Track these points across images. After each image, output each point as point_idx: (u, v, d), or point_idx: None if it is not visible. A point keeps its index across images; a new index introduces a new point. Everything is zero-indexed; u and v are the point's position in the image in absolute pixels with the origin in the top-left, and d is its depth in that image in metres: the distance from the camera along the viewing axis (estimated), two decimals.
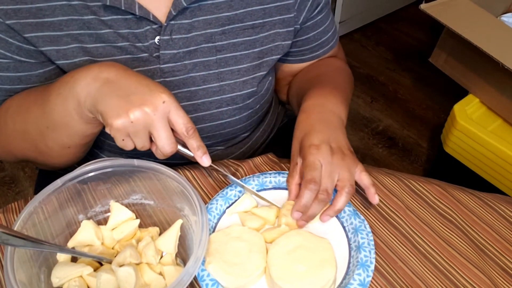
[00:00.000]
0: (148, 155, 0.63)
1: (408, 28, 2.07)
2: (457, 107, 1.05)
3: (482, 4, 0.98)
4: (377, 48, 1.98)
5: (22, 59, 0.51)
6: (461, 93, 1.09)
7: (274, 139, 0.77)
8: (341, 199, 0.47)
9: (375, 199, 0.50)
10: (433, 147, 1.52)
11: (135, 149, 0.45)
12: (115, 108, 0.41)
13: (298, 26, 0.59)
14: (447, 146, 1.09)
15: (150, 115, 0.41)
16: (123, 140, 0.43)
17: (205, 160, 0.47)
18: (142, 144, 0.44)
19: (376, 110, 1.68)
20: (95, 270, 0.43)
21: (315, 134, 0.50)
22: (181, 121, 0.43)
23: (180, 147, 0.46)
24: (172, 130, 0.44)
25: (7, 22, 0.47)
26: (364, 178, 0.50)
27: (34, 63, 0.51)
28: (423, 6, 0.96)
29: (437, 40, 1.09)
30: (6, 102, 0.53)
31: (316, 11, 0.61)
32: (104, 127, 0.46)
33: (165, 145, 0.43)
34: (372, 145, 1.55)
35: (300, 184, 0.50)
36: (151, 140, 0.45)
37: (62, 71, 0.53)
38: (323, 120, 0.52)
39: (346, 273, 0.45)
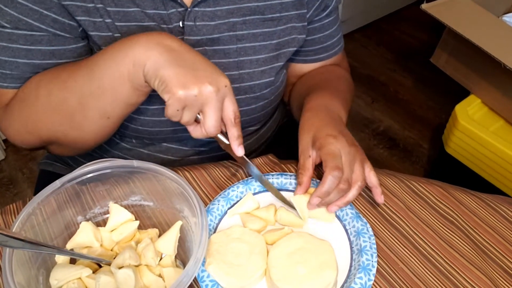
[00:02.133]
0: (147, 156, 0.63)
1: (409, 28, 2.07)
2: (458, 108, 1.04)
3: (483, 4, 0.98)
4: (378, 48, 1.97)
5: (57, 32, 0.50)
6: (463, 94, 1.09)
7: (275, 138, 0.77)
8: (353, 192, 0.48)
9: (381, 198, 0.51)
10: (434, 148, 1.51)
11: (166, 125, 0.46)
12: (182, 78, 0.42)
13: (305, 23, 0.60)
14: (448, 147, 1.09)
15: (212, 94, 0.43)
16: (177, 110, 0.43)
17: (240, 150, 0.48)
18: (189, 118, 0.45)
19: (377, 111, 1.67)
20: (94, 272, 0.43)
21: (330, 126, 0.50)
22: (233, 108, 0.45)
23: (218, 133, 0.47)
24: None
25: None
26: (372, 177, 0.50)
27: (68, 38, 0.51)
28: (424, 6, 0.95)
29: (438, 40, 1.09)
30: (34, 77, 0.51)
31: (325, 13, 0.62)
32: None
33: (212, 126, 0.45)
34: (373, 146, 1.55)
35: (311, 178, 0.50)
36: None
37: (91, 50, 0.54)
38: (329, 117, 0.53)
39: (347, 276, 0.45)
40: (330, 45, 0.66)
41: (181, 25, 0.53)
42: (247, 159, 0.50)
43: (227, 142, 0.48)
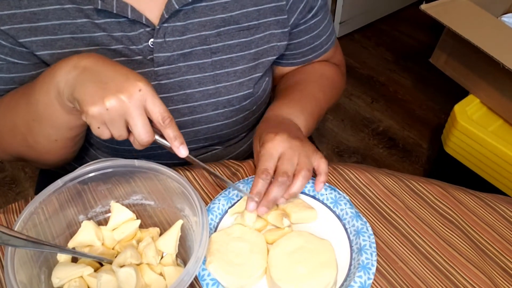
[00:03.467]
0: (146, 156, 0.63)
1: (408, 29, 2.07)
2: (457, 108, 1.05)
3: (482, 5, 0.98)
4: (378, 48, 1.98)
5: (15, 60, 0.51)
6: (462, 94, 1.09)
7: None
8: (297, 183, 0.47)
9: (319, 187, 0.50)
10: (433, 147, 1.52)
11: (127, 143, 0.44)
12: (90, 95, 0.40)
13: (289, 28, 0.59)
14: (447, 147, 1.09)
15: (125, 103, 0.40)
16: (98, 128, 0.42)
17: (182, 151, 0.44)
18: (119, 133, 0.43)
19: (377, 111, 1.68)
20: (95, 271, 0.43)
21: (273, 127, 0.51)
22: (157, 110, 0.42)
23: (157, 137, 0.44)
24: (151, 121, 0.43)
25: (2, 28, 0.48)
26: (322, 164, 0.50)
27: (27, 65, 0.52)
28: (423, 6, 0.96)
29: (437, 40, 1.09)
30: None
31: (311, 14, 0.60)
32: None
33: (141, 134, 0.42)
34: (372, 145, 1.55)
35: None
36: (128, 131, 0.44)
37: None
38: (279, 125, 0.53)
39: (347, 275, 0.45)
40: (317, 45, 0.64)
41: (151, 45, 0.52)
42: (193, 158, 0.47)
43: (169, 144, 0.45)
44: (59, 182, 0.44)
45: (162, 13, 0.51)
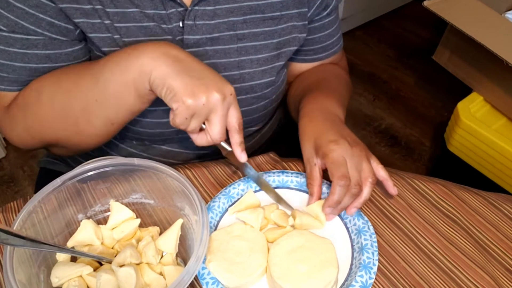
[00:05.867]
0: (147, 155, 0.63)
1: (411, 26, 2.06)
2: (460, 106, 1.04)
3: (486, 1, 0.97)
4: (380, 45, 1.97)
5: (53, 35, 0.50)
6: (465, 91, 1.08)
7: (277, 136, 0.77)
8: (366, 190, 0.48)
9: (394, 190, 0.51)
10: (436, 145, 1.51)
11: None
12: (190, 87, 0.43)
13: (306, 22, 0.60)
14: (450, 145, 1.09)
15: (219, 102, 0.44)
16: (186, 118, 0.44)
17: (243, 156, 0.49)
18: (195, 126, 0.45)
19: (379, 109, 1.67)
20: (95, 270, 0.43)
21: (329, 131, 0.50)
22: (238, 115, 0.47)
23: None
24: None
25: None
26: (380, 171, 0.51)
27: (64, 41, 0.51)
28: (426, 3, 0.95)
29: (440, 37, 1.08)
30: (33, 83, 0.51)
31: (325, 12, 0.62)
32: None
33: (218, 133, 0.46)
34: (374, 143, 1.54)
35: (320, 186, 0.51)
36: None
37: (89, 51, 0.54)
38: (327, 120, 0.53)
39: (348, 275, 0.45)
40: (329, 45, 0.66)
41: (180, 25, 0.53)
42: (247, 164, 0.51)
43: (229, 148, 0.49)
44: (58, 181, 0.44)
45: None
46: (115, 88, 0.46)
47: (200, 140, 0.48)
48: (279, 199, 0.52)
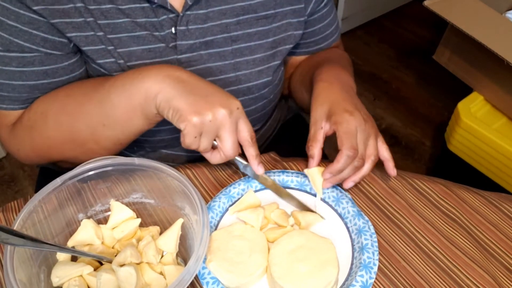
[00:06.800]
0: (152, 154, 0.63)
1: (411, 25, 2.06)
2: (461, 105, 1.04)
3: (486, 1, 0.97)
4: (380, 45, 1.96)
5: (48, 51, 0.50)
6: (465, 91, 1.08)
7: (277, 136, 0.77)
8: (367, 166, 0.49)
9: (393, 171, 0.52)
10: (436, 145, 1.51)
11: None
12: (194, 105, 0.43)
13: (306, 17, 0.60)
14: (451, 145, 1.08)
15: (226, 117, 0.44)
16: (195, 137, 0.44)
17: (260, 169, 0.49)
18: (207, 145, 0.45)
19: (379, 108, 1.67)
20: (95, 270, 0.43)
21: (347, 101, 0.50)
22: (248, 129, 0.46)
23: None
24: None
25: (35, 8, 0.47)
26: (384, 151, 0.51)
27: (59, 55, 0.51)
28: (426, 2, 0.95)
29: (441, 37, 1.08)
30: (38, 104, 0.52)
31: (323, 3, 0.62)
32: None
33: (231, 149, 0.45)
34: None
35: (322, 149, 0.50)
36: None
37: (85, 63, 0.54)
38: (344, 89, 0.53)
39: (349, 274, 0.45)
40: (329, 34, 0.67)
41: (173, 31, 0.52)
42: (265, 176, 0.51)
43: (245, 162, 0.49)
44: (58, 181, 0.44)
45: (185, 0, 0.51)
46: (122, 113, 0.47)
47: (214, 158, 0.48)
48: (302, 206, 0.51)
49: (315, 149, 0.49)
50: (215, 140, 0.46)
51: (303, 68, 0.67)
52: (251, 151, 0.48)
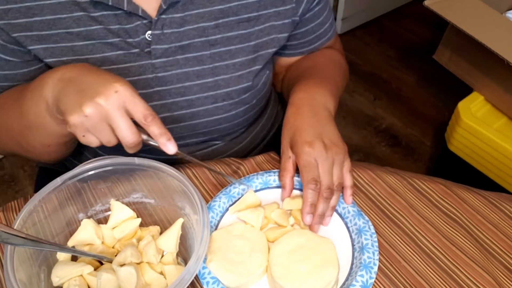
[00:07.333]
0: (148, 151, 0.63)
1: (411, 25, 2.06)
2: (461, 105, 1.04)
3: (486, 1, 0.97)
4: (380, 45, 1.96)
5: (7, 58, 0.51)
6: (466, 91, 1.08)
7: (277, 136, 0.77)
8: (335, 197, 0.48)
9: (349, 199, 0.50)
10: (437, 145, 1.51)
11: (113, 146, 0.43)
12: (70, 105, 0.40)
13: (297, 18, 0.59)
14: (451, 145, 1.08)
15: (103, 107, 0.40)
16: (83, 136, 0.42)
17: (170, 147, 0.43)
18: (106, 138, 0.42)
19: (379, 108, 1.67)
20: (95, 269, 0.43)
21: (307, 130, 0.50)
22: (138, 109, 0.41)
23: (145, 137, 0.43)
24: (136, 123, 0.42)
25: None
26: (347, 178, 0.50)
27: (19, 62, 0.52)
28: (427, 2, 0.95)
29: (441, 37, 1.08)
30: None
31: (315, 2, 0.60)
32: None
33: (126, 136, 0.41)
34: (375, 143, 1.54)
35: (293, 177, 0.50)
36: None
37: (48, 70, 0.53)
38: (312, 114, 0.52)
39: (349, 274, 0.45)
40: (323, 32, 0.65)
41: (148, 37, 0.52)
42: (185, 154, 0.46)
43: (156, 144, 0.43)
44: (58, 180, 0.44)
45: (160, 4, 0.50)
46: (34, 119, 0.47)
47: (125, 148, 0.43)
48: (211, 170, 0.50)
49: (286, 179, 0.50)
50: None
51: (291, 73, 0.66)
52: (152, 130, 0.42)
